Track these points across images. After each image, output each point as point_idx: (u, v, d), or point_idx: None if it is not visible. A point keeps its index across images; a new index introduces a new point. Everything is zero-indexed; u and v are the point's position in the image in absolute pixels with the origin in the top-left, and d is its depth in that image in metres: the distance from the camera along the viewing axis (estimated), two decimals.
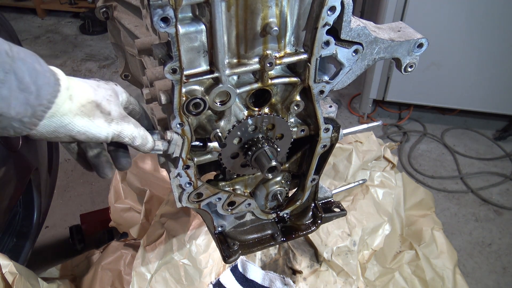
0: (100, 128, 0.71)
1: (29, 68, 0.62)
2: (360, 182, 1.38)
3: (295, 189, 1.14)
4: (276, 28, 0.71)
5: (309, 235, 1.51)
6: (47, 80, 0.64)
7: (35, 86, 0.62)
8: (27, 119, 0.63)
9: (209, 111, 0.83)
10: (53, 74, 0.66)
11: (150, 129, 0.84)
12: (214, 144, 0.86)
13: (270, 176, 0.89)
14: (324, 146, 0.98)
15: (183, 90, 0.74)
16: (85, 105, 0.69)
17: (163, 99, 0.77)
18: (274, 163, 0.86)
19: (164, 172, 1.82)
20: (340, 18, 0.75)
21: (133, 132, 0.75)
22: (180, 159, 0.85)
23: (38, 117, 0.64)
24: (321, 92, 0.86)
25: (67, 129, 0.68)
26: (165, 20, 0.64)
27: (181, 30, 0.67)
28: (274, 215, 1.15)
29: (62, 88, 0.67)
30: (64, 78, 0.69)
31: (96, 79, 0.78)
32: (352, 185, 1.35)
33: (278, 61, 0.78)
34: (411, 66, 0.90)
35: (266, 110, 0.87)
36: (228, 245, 1.10)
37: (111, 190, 1.87)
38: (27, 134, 0.67)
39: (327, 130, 0.94)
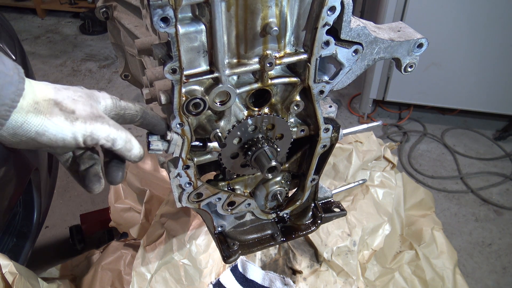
0: (59, 127, 0.66)
1: None
2: (360, 182, 1.38)
3: (295, 189, 1.14)
4: (276, 28, 0.71)
5: (309, 235, 1.51)
6: (9, 79, 0.61)
7: None
8: None
9: (209, 111, 0.83)
10: (18, 72, 0.63)
11: (159, 124, 0.80)
12: (214, 144, 0.86)
13: (270, 176, 0.89)
14: (324, 146, 0.98)
15: (183, 90, 0.74)
16: (39, 102, 0.65)
17: (163, 99, 0.77)
18: (274, 163, 0.86)
19: (164, 172, 1.82)
20: (340, 18, 0.75)
21: (110, 133, 0.70)
22: (180, 159, 0.85)
23: (2, 116, 0.61)
24: (321, 92, 0.86)
25: (24, 130, 0.64)
26: (165, 20, 0.64)
27: (181, 30, 0.67)
28: (274, 215, 1.15)
29: (27, 88, 0.64)
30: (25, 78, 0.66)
31: (76, 86, 0.74)
32: (352, 185, 1.35)
33: (278, 61, 0.78)
34: (411, 66, 0.90)
35: (266, 110, 0.87)
36: (228, 245, 1.10)
37: (111, 190, 1.87)
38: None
39: (327, 130, 0.94)
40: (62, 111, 0.67)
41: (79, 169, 0.79)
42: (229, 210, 1.02)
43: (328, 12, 0.72)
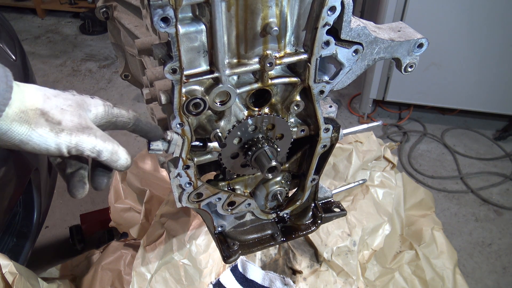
0: (43, 138, 0.66)
1: None
2: (360, 182, 1.38)
3: (295, 189, 1.14)
4: (276, 28, 0.71)
5: (309, 235, 1.51)
6: None
7: None
8: None
9: (209, 111, 0.83)
10: (6, 81, 0.63)
11: (153, 130, 0.80)
12: (214, 144, 0.86)
13: (270, 176, 0.89)
14: (324, 146, 0.98)
15: (183, 90, 0.74)
16: (25, 112, 0.65)
17: (163, 99, 0.77)
18: (274, 163, 0.86)
19: (164, 172, 1.82)
20: (340, 18, 0.75)
21: (95, 145, 0.70)
22: (180, 159, 0.85)
23: None
24: (321, 92, 0.86)
25: (8, 137, 0.64)
26: (165, 20, 0.64)
27: (181, 30, 0.67)
28: (274, 215, 1.15)
29: (14, 95, 0.64)
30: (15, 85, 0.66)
31: (68, 91, 0.74)
32: (352, 185, 1.35)
33: (278, 61, 0.78)
34: (411, 66, 0.90)
35: (266, 110, 0.87)
36: (228, 245, 1.10)
37: (111, 190, 1.86)
38: None
39: (327, 130, 0.94)
40: (47, 122, 0.67)
41: (65, 171, 0.79)
42: (229, 210, 1.02)
43: (328, 12, 0.72)
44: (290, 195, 1.15)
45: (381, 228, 1.63)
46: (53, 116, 0.67)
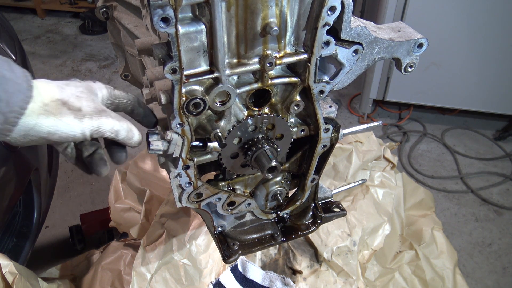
0: (70, 126, 0.69)
1: None
2: (360, 182, 1.38)
3: (295, 189, 1.14)
4: (276, 28, 0.71)
5: (309, 235, 1.51)
6: (18, 87, 0.64)
7: (5, 94, 0.63)
8: None
9: (209, 111, 0.83)
10: (26, 80, 0.66)
11: (149, 115, 0.84)
12: (214, 144, 0.86)
13: (270, 176, 0.89)
14: (324, 146, 0.98)
15: (183, 90, 0.74)
16: (48, 104, 0.68)
17: (163, 99, 0.77)
18: (274, 163, 0.86)
19: (164, 172, 1.82)
20: (340, 18, 0.75)
21: (114, 125, 0.74)
22: (180, 159, 0.85)
23: (11, 123, 0.64)
24: (321, 92, 0.86)
25: (36, 131, 0.67)
26: (165, 20, 0.64)
27: (181, 30, 0.67)
28: (274, 215, 1.15)
29: (35, 94, 0.67)
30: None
31: (72, 79, 0.77)
32: (352, 185, 1.35)
33: (278, 61, 0.78)
34: (411, 66, 0.90)
35: (266, 110, 0.87)
36: (228, 245, 1.10)
37: (111, 190, 1.86)
38: (5, 141, 0.68)
39: (327, 130, 0.94)
40: (70, 110, 0.70)
41: (82, 156, 0.82)
42: (229, 210, 1.02)
43: (328, 12, 0.72)
44: (290, 195, 1.15)
45: (381, 228, 1.63)
46: (73, 104, 0.71)
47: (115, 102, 0.81)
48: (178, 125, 0.79)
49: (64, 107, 0.70)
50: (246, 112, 0.86)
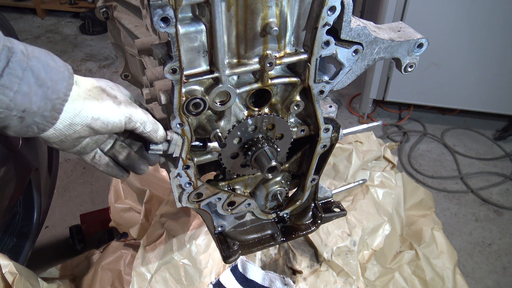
0: (111, 111, 0.72)
1: (44, 65, 0.65)
2: (360, 182, 1.38)
3: (295, 189, 1.14)
4: (276, 28, 0.71)
5: (309, 235, 1.51)
6: (62, 75, 0.67)
7: (51, 81, 0.66)
8: (47, 113, 0.66)
9: (209, 111, 0.83)
10: (67, 69, 0.69)
11: (157, 137, 0.84)
12: (214, 144, 0.86)
13: (270, 176, 0.89)
14: (324, 146, 0.98)
15: (183, 90, 0.74)
16: (91, 90, 0.72)
17: (163, 99, 0.77)
18: (274, 163, 0.86)
19: (164, 172, 1.82)
20: (340, 18, 0.75)
21: (142, 117, 0.76)
22: (180, 159, 0.85)
23: (57, 110, 0.67)
24: (321, 92, 0.86)
25: (82, 116, 0.70)
26: (165, 20, 0.64)
27: (181, 30, 0.67)
28: (274, 215, 1.15)
29: (76, 81, 0.70)
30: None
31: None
32: (352, 185, 1.35)
33: (278, 61, 0.78)
34: (411, 66, 0.90)
35: (266, 110, 0.87)
36: (228, 245, 1.10)
37: (111, 190, 1.86)
38: (47, 138, 0.70)
39: (327, 130, 0.94)
40: (109, 97, 0.73)
41: (118, 160, 0.84)
42: (229, 210, 1.02)
43: (328, 12, 0.72)
44: (290, 195, 1.15)
45: (381, 228, 1.63)
46: (110, 91, 0.75)
47: (136, 103, 0.84)
48: (178, 125, 0.79)
49: (104, 93, 0.73)
50: (246, 112, 0.86)
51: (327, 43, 0.78)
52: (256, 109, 0.86)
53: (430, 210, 1.82)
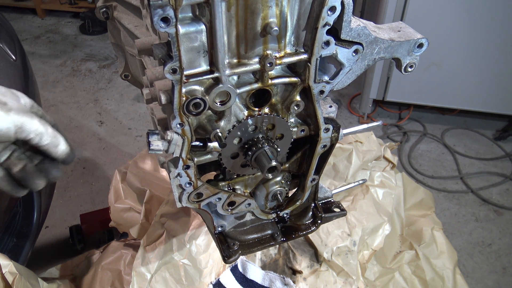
0: None
1: None
2: (360, 182, 1.38)
3: (295, 189, 1.14)
4: (276, 28, 0.71)
5: (309, 235, 1.51)
6: None
7: None
8: None
9: (209, 111, 0.83)
10: None
11: (56, 152, 0.78)
12: (214, 144, 0.86)
13: (270, 176, 0.89)
14: (324, 146, 0.98)
15: (183, 90, 0.74)
16: None
17: (163, 99, 0.77)
18: (274, 163, 0.86)
19: (164, 172, 1.82)
20: (340, 18, 0.75)
21: (38, 127, 0.71)
22: (180, 159, 0.85)
23: None
24: (321, 92, 0.86)
25: None
26: (165, 20, 0.64)
27: (181, 30, 0.67)
28: (274, 215, 1.15)
29: None
30: None
31: None
32: (352, 185, 1.35)
33: (278, 61, 0.78)
34: (411, 66, 0.90)
35: (266, 110, 0.87)
36: (228, 245, 1.10)
37: (111, 190, 1.86)
38: None
39: (327, 130, 0.94)
40: None
41: (12, 172, 0.77)
42: (229, 210, 1.02)
43: (328, 12, 0.72)
44: (290, 195, 1.15)
45: (381, 228, 1.63)
46: (0, 98, 0.69)
47: (38, 114, 0.78)
48: (178, 125, 0.79)
49: None
50: (246, 112, 0.86)
51: (327, 43, 0.78)
52: (256, 109, 0.86)
53: (430, 210, 1.82)
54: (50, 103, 3.96)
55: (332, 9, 0.72)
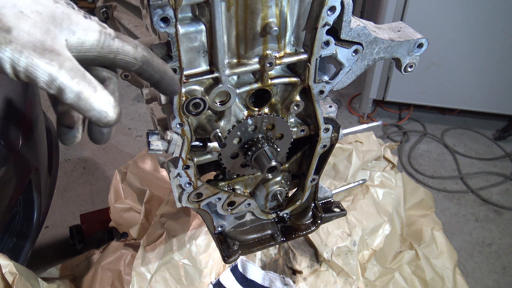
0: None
1: None
2: (360, 182, 1.38)
3: (295, 189, 1.14)
4: (276, 28, 0.71)
5: (309, 235, 1.51)
6: None
7: None
8: None
9: (209, 111, 0.83)
10: None
11: (169, 90, 0.64)
12: (214, 144, 0.86)
13: (270, 176, 0.89)
14: (324, 146, 0.98)
15: (183, 90, 0.74)
16: None
17: (163, 99, 0.77)
18: (274, 163, 0.86)
19: (164, 172, 1.82)
20: (340, 18, 0.75)
21: (56, 77, 0.50)
22: (180, 159, 0.85)
23: None
24: (321, 92, 0.86)
25: None
26: (165, 20, 0.64)
27: (181, 30, 0.67)
28: (274, 215, 1.15)
29: None
30: None
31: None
32: (352, 185, 1.35)
33: (278, 61, 0.78)
34: (411, 66, 0.90)
35: (266, 110, 0.87)
36: (228, 245, 1.10)
37: (111, 190, 1.87)
38: None
39: (327, 130, 0.94)
40: None
41: (56, 107, 0.61)
42: (229, 210, 1.02)
43: (328, 12, 0.72)
44: (290, 195, 1.15)
45: (381, 228, 1.63)
46: (2, 19, 0.48)
47: (109, 57, 0.56)
48: (178, 125, 0.79)
49: None
50: (246, 112, 0.86)
51: (327, 43, 0.78)
52: (256, 109, 0.86)
53: (430, 210, 1.82)
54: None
55: (332, 9, 0.72)
